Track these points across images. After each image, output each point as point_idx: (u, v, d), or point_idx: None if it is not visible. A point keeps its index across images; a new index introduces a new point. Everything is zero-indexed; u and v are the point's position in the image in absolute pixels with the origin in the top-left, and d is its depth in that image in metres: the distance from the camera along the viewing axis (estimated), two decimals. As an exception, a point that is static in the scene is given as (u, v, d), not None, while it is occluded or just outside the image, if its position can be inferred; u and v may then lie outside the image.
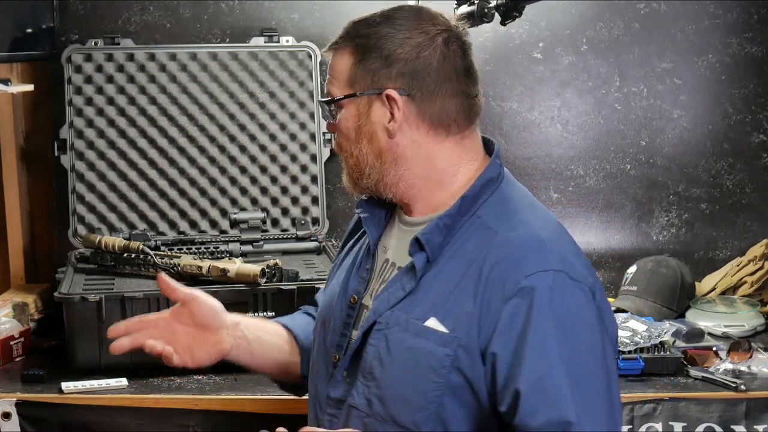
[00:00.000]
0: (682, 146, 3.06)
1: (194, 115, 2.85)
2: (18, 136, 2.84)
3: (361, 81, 1.59)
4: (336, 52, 1.63)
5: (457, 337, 1.49)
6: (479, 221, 1.56)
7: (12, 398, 2.19)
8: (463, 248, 1.54)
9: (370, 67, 1.58)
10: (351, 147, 1.61)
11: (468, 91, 1.60)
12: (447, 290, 1.52)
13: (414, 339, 1.52)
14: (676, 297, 2.72)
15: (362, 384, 1.56)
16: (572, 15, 3.00)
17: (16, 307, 2.52)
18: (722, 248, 3.08)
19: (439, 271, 1.55)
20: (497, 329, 1.46)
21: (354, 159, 1.61)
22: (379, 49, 1.58)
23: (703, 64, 3.02)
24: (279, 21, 2.97)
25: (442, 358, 1.49)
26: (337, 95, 1.60)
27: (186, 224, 2.85)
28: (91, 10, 2.93)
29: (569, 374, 1.43)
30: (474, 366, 1.48)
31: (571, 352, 1.45)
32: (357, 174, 1.61)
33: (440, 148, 1.59)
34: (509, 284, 1.47)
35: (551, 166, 3.06)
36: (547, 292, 1.46)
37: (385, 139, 1.58)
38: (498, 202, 1.58)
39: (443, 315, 1.51)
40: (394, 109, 1.57)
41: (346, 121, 1.60)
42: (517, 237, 1.52)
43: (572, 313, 1.48)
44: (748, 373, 2.30)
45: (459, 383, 1.49)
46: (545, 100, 3.04)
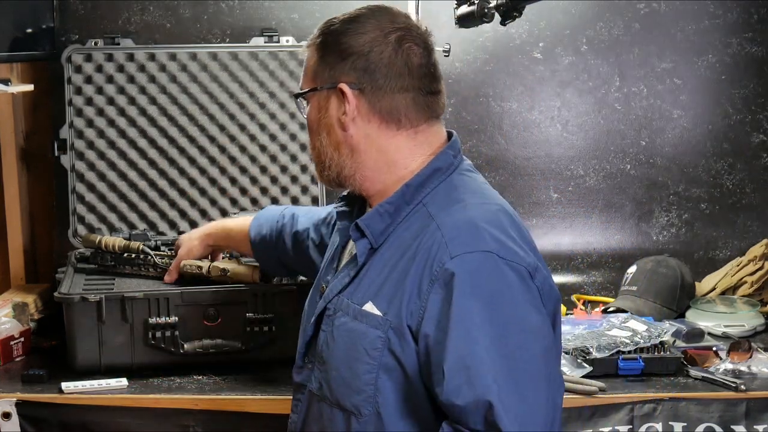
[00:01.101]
0: (682, 146, 3.06)
1: (194, 115, 2.85)
2: (18, 136, 2.84)
3: (321, 76, 1.66)
4: (307, 49, 1.70)
5: (388, 320, 1.55)
6: (423, 210, 1.60)
7: (12, 398, 2.19)
8: (403, 235, 1.60)
9: (328, 61, 1.65)
10: (313, 140, 1.69)
11: (423, 87, 1.63)
12: (384, 275, 1.59)
13: (353, 322, 1.59)
14: (676, 297, 2.72)
15: (317, 369, 1.65)
16: (572, 15, 3.00)
17: (16, 307, 2.52)
18: (722, 248, 3.08)
19: (381, 256, 1.61)
20: (427, 311, 1.51)
21: (316, 151, 1.69)
22: (337, 44, 1.64)
23: (703, 64, 3.02)
24: (279, 21, 2.97)
25: (374, 339, 1.55)
26: (304, 89, 1.69)
27: (186, 224, 2.85)
28: (91, 10, 2.93)
29: (493, 354, 1.45)
30: (405, 348, 1.53)
31: (498, 332, 1.47)
32: (320, 166, 1.69)
33: (392, 142, 1.64)
34: (436, 266, 1.52)
35: (551, 166, 3.06)
36: (467, 274, 1.48)
37: (340, 132, 1.65)
38: (445, 191, 1.62)
39: (379, 299, 1.57)
40: (345, 102, 1.63)
41: (310, 114, 1.69)
42: (450, 221, 1.55)
43: (500, 293, 1.49)
44: (748, 373, 2.30)
45: (392, 365, 1.54)
46: (545, 100, 3.04)
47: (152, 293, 2.32)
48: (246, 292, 2.36)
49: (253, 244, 2.25)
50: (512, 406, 1.44)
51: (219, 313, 2.33)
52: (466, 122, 3.03)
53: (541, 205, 3.04)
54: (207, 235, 2.39)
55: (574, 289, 2.96)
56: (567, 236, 3.07)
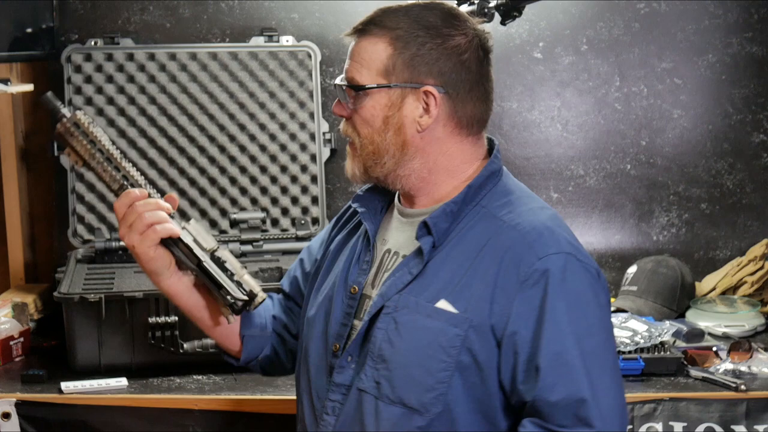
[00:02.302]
0: (682, 146, 3.06)
1: (194, 115, 2.85)
2: (18, 136, 2.84)
3: (399, 73, 1.60)
4: (367, 38, 1.63)
5: (468, 318, 1.54)
6: (483, 210, 1.62)
7: (12, 398, 2.19)
8: (468, 235, 1.60)
9: (409, 61, 1.60)
10: (373, 135, 1.62)
11: (492, 96, 1.68)
12: (456, 274, 1.57)
13: (425, 320, 1.57)
14: (676, 297, 2.72)
15: (371, 367, 1.59)
16: (572, 15, 3.00)
17: (16, 307, 2.52)
18: (722, 248, 3.08)
19: (446, 255, 1.60)
20: (514, 310, 1.52)
21: (374, 147, 1.63)
22: (421, 44, 1.60)
23: (703, 64, 3.02)
24: (279, 21, 2.97)
25: (453, 337, 1.54)
26: (365, 82, 1.61)
27: (186, 224, 2.85)
28: (91, 10, 2.93)
29: (583, 351, 1.50)
30: (484, 346, 1.54)
31: (584, 330, 1.52)
32: (372, 162, 1.63)
33: (458, 147, 1.65)
34: (523, 267, 1.53)
35: (551, 166, 3.06)
36: (559, 273, 1.53)
37: (412, 132, 1.61)
38: (500, 193, 1.65)
39: (453, 297, 1.56)
40: (430, 105, 1.60)
41: (373, 109, 1.61)
42: (525, 224, 1.58)
43: (583, 293, 1.55)
44: (748, 373, 2.30)
45: (468, 363, 1.54)
46: (545, 100, 3.04)
47: (152, 293, 2.32)
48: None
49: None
50: (601, 401, 1.49)
51: (219, 313, 2.33)
52: (466, 122, 3.03)
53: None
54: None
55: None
56: (567, 236, 3.07)
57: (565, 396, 1.48)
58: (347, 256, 1.74)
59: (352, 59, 1.65)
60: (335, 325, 1.68)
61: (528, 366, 1.51)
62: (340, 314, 1.68)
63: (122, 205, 1.66)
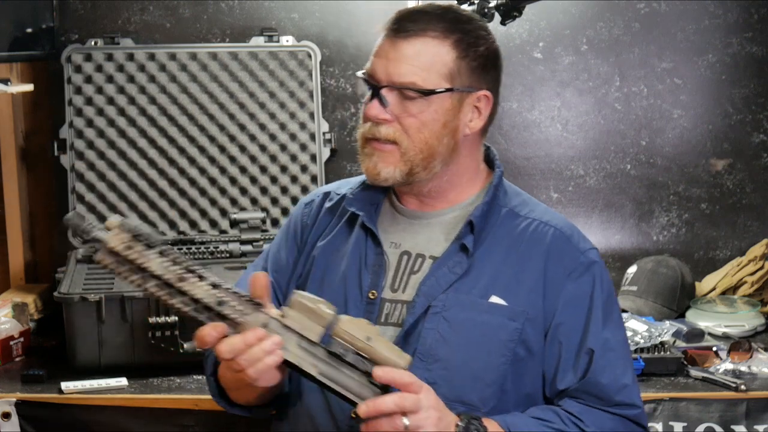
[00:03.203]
0: (682, 146, 3.05)
1: (194, 115, 2.85)
2: (18, 136, 2.84)
3: (463, 77, 1.60)
4: (422, 39, 1.59)
5: (524, 311, 1.58)
6: (505, 210, 1.66)
7: (12, 398, 2.19)
8: (500, 233, 1.64)
9: (472, 65, 1.61)
10: (430, 139, 1.60)
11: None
12: (501, 270, 1.60)
13: (482, 316, 1.59)
14: (676, 297, 2.72)
15: (423, 369, 1.57)
16: (572, 15, 3.00)
17: (16, 307, 2.52)
18: (722, 248, 3.08)
19: (486, 252, 1.62)
20: (561, 301, 1.59)
21: (429, 151, 1.60)
22: (479, 48, 1.62)
23: (703, 64, 3.02)
24: (279, 21, 2.97)
25: (512, 331, 1.58)
26: (430, 86, 1.58)
27: (186, 224, 2.85)
28: (91, 10, 2.93)
29: (619, 340, 1.64)
30: (538, 337, 1.59)
31: (618, 321, 1.66)
32: (421, 166, 1.61)
33: (479, 150, 1.71)
34: (568, 260, 1.62)
35: (551, 166, 3.06)
36: (600, 268, 1.65)
37: (461, 136, 1.63)
38: (512, 193, 1.71)
39: (504, 292, 1.59)
40: (482, 109, 1.63)
41: (435, 113, 1.59)
42: (554, 221, 1.66)
43: (612, 287, 1.68)
44: (748, 373, 2.30)
45: (522, 356, 1.58)
46: (545, 100, 3.04)
47: (152, 293, 2.31)
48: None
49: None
50: (635, 386, 1.64)
51: (219, 313, 2.32)
52: (466, 122, 3.03)
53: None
54: None
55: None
56: (567, 236, 3.07)
57: (613, 379, 1.59)
58: (351, 262, 1.68)
59: (407, 62, 1.58)
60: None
61: (579, 350, 1.59)
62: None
63: (223, 353, 1.43)
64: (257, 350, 1.40)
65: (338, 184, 1.81)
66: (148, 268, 1.38)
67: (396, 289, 1.64)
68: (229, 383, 1.66)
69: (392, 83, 1.58)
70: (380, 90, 1.59)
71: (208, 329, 1.40)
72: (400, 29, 1.59)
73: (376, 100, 1.59)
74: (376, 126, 1.60)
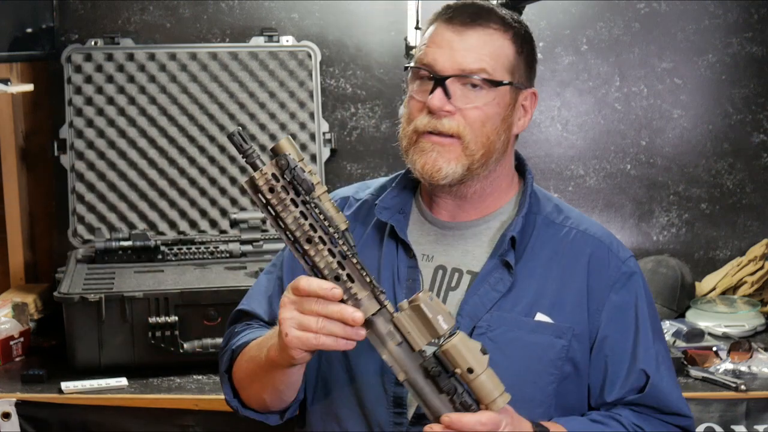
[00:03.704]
0: (682, 146, 3.05)
1: (194, 115, 2.85)
2: (18, 136, 2.84)
3: (520, 72, 1.57)
4: (486, 30, 1.54)
5: (570, 327, 1.53)
6: (540, 218, 1.61)
7: (12, 398, 2.19)
8: (537, 244, 1.58)
9: (527, 61, 1.58)
10: (490, 134, 1.54)
11: None
12: (543, 285, 1.55)
13: (530, 335, 1.53)
14: (676, 297, 2.72)
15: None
16: (572, 15, 3.00)
17: (16, 307, 2.52)
18: (722, 248, 3.08)
19: (527, 267, 1.56)
20: (606, 313, 1.55)
21: (489, 146, 1.54)
22: (530, 46, 1.59)
23: (703, 64, 3.02)
24: (279, 21, 2.97)
25: (560, 349, 1.53)
26: (495, 76, 1.53)
27: (186, 224, 2.85)
28: (91, 10, 2.93)
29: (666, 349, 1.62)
30: (584, 352, 1.55)
31: (660, 330, 1.63)
32: (480, 162, 1.54)
33: (513, 153, 1.66)
34: (611, 271, 1.56)
35: (551, 166, 3.06)
36: (641, 277, 1.61)
37: (512, 133, 1.59)
38: (543, 199, 1.65)
39: (548, 309, 1.54)
40: (530, 108, 1.60)
41: (498, 106, 1.54)
42: (592, 228, 1.61)
43: (651, 294, 1.64)
44: (748, 373, 2.30)
45: (568, 371, 1.55)
46: (545, 100, 3.04)
47: (152, 293, 2.32)
48: (246, 291, 2.35)
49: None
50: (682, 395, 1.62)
51: (219, 313, 2.33)
52: (466, 122, 3.03)
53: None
54: None
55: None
56: (567, 236, 3.07)
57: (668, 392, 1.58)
58: (384, 276, 1.59)
59: (475, 51, 1.52)
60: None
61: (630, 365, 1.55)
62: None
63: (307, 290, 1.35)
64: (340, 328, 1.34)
65: (355, 188, 1.73)
66: (283, 218, 1.34)
67: None
68: (247, 373, 1.56)
69: (462, 71, 1.51)
70: (445, 80, 1.51)
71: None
72: (463, 19, 1.54)
73: (439, 90, 1.51)
74: (437, 119, 1.51)
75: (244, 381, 1.59)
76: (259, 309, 1.68)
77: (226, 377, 1.64)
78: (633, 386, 1.57)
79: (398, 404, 1.54)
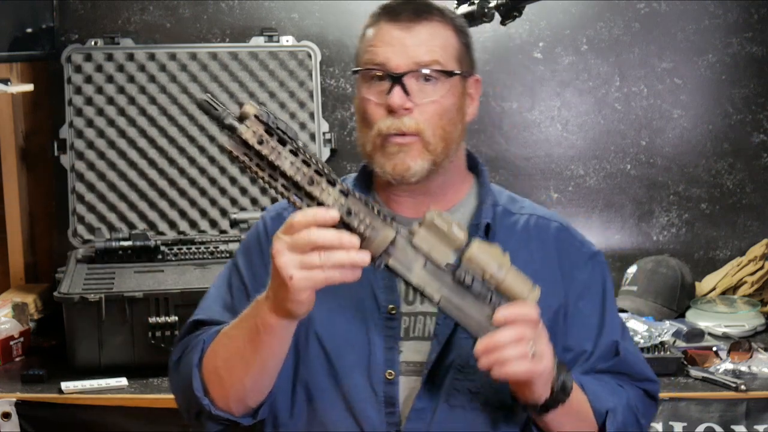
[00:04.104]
0: (682, 146, 3.05)
1: (194, 115, 2.85)
2: (18, 136, 2.84)
3: (465, 61, 1.58)
4: (431, 23, 1.54)
5: (549, 306, 1.54)
6: (498, 208, 1.63)
7: (12, 398, 2.19)
8: (502, 233, 1.60)
9: (468, 49, 1.59)
10: (449, 126, 1.54)
11: None
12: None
13: None
14: (676, 297, 2.72)
15: (463, 380, 1.52)
16: (572, 15, 3.00)
17: (16, 307, 2.52)
18: (722, 248, 3.08)
19: None
20: (576, 290, 1.59)
21: (449, 138, 1.54)
22: (467, 34, 1.60)
23: (703, 64, 3.02)
24: (279, 21, 2.97)
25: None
26: (447, 68, 1.53)
27: (186, 224, 2.85)
28: (91, 10, 2.93)
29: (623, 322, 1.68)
30: (558, 328, 1.57)
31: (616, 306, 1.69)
32: (443, 156, 1.54)
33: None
34: (575, 251, 1.63)
35: (551, 166, 3.06)
36: (602, 255, 1.66)
37: (465, 122, 1.59)
38: (496, 192, 1.67)
39: None
40: (475, 95, 1.60)
41: (453, 96, 1.54)
42: (548, 215, 1.67)
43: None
44: (748, 373, 2.30)
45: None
46: (545, 100, 3.04)
47: (152, 293, 2.32)
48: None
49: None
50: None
51: (219, 313, 2.33)
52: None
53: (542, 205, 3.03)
54: None
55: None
56: (567, 236, 3.07)
57: (636, 360, 1.63)
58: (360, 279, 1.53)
59: (426, 44, 1.52)
60: (378, 351, 1.53)
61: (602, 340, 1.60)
62: (381, 339, 1.54)
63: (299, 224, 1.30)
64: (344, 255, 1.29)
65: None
66: (279, 167, 1.28)
67: (412, 300, 1.57)
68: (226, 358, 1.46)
69: (417, 65, 1.51)
70: (402, 77, 1.51)
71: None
72: (408, 16, 1.54)
73: (398, 88, 1.50)
74: (398, 118, 1.50)
75: (221, 369, 1.48)
76: (220, 316, 1.58)
77: (197, 372, 1.50)
78: (604, 355, 1.60)
79: (390, 403, 1.53)
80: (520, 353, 1.35)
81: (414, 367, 1.54)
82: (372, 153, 1.54)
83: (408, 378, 1.54)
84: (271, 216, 1.65)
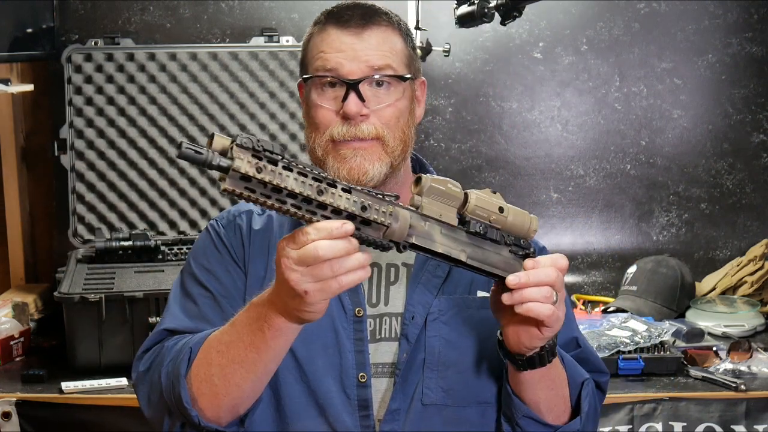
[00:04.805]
0: (682, 146, 3.06)
1: (194, 115, 2.85)
2: (18, 136, 2.84)
3: (413, 63, 1.59)
4: (380, 28, 1.55)
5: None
6: None
7: (12, 398, 2.19)
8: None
9: (414, 52, 1.60)
10: (405, 128, 1.56)
11: None
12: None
13: (479, 312, 1.55)
14: (676, 297, 2.72)
15: (435, 378, 1.53)
16: (572, 15, 3.00)
17: (16, 307, 2.52)
18: (722, 248, 3.08)
19: None
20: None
21: (405, 141, 1.56)
22: (411, 37, 1.61)
23: (703, 64, 3.02)
24: (279, 21, 2.97)
25: None
26: (400, 71, 1.55)
27: (186, 224, 2.85)
28: (91, 10, 2.93)
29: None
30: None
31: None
32: (400, 158, 1.56)
33: None
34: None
35: (551, 166, 3.06)
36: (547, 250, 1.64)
37: (415, 123, 1.60)
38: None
39: (484, 284, 1.54)
40: (421, 97, 1.61)
41: (407, 100, 1.56)
42: None
43: None
44: (748, 373, 2.30)
45: None
46: (545, 100, 3.04)
47: (152, 293, 2.32)
48: (246, 292, 2.36)
49: None
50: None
51: (219, 313, 2.33)
52: (466, 122, 3.03)
53: (541, 205, 3.04)
54: None
55: (574, 289, 2.96)
56: (567, 236, 3.07)
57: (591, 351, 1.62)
58: None
59: (378, 49, 1.53)
60: (349, 354, 1.54)
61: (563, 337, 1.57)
62: (350, 342, 1.54)
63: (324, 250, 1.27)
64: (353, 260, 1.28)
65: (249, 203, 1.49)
66: (285, 188, 1.23)
67: (376, 303, 1.58)
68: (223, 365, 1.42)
69: (371, 70, 1.52)
70: (357, 84, 1.52)
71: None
72: (357, 21, 1.55)
73: (353, 95, 1.51)
74: (355, 125, 1.51)
75: (216, 377, 1.43)
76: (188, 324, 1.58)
77: (184, 382, 1.46)
78: (566, 346, 1.59)
79: (364, 406, 1.53)
80: (546, 295, 1.37)
81: (384, 368, 1.55)
82: (324, 157, 1.55)
83: (379, 380, 1.55)
84: (224, 224, 1.63)
